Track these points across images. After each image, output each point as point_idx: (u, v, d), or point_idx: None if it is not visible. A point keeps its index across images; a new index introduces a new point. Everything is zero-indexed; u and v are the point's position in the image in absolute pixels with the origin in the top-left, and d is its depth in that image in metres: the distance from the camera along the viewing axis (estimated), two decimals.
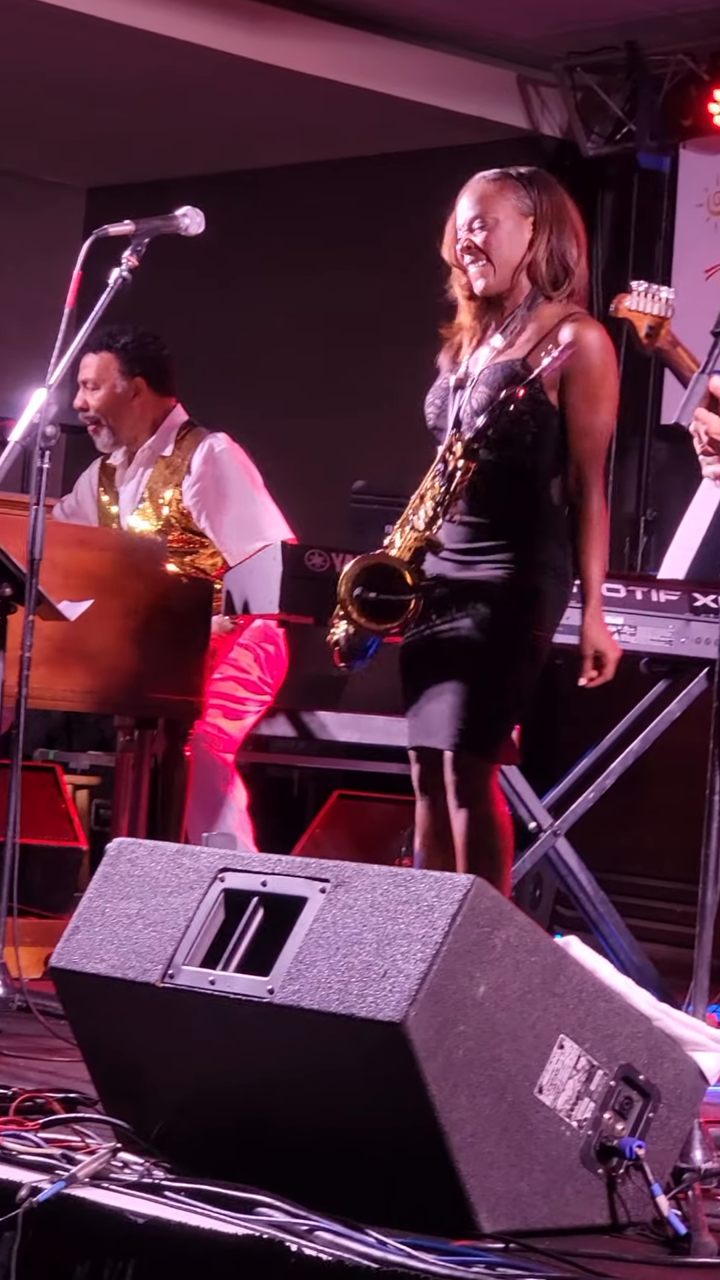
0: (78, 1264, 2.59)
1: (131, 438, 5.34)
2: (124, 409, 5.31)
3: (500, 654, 3.96)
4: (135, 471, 5.35)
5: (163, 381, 5.35)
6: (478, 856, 3.92)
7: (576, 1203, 2.69)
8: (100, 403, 5.31)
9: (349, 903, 2.71)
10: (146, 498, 5.31)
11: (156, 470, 5.32)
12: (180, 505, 5.26)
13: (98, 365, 5.30)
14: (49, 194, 8.88)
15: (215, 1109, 2.83)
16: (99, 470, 5.49)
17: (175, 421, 5.35)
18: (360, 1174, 2.66)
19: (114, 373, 5.30)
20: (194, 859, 2.94)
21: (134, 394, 5.30)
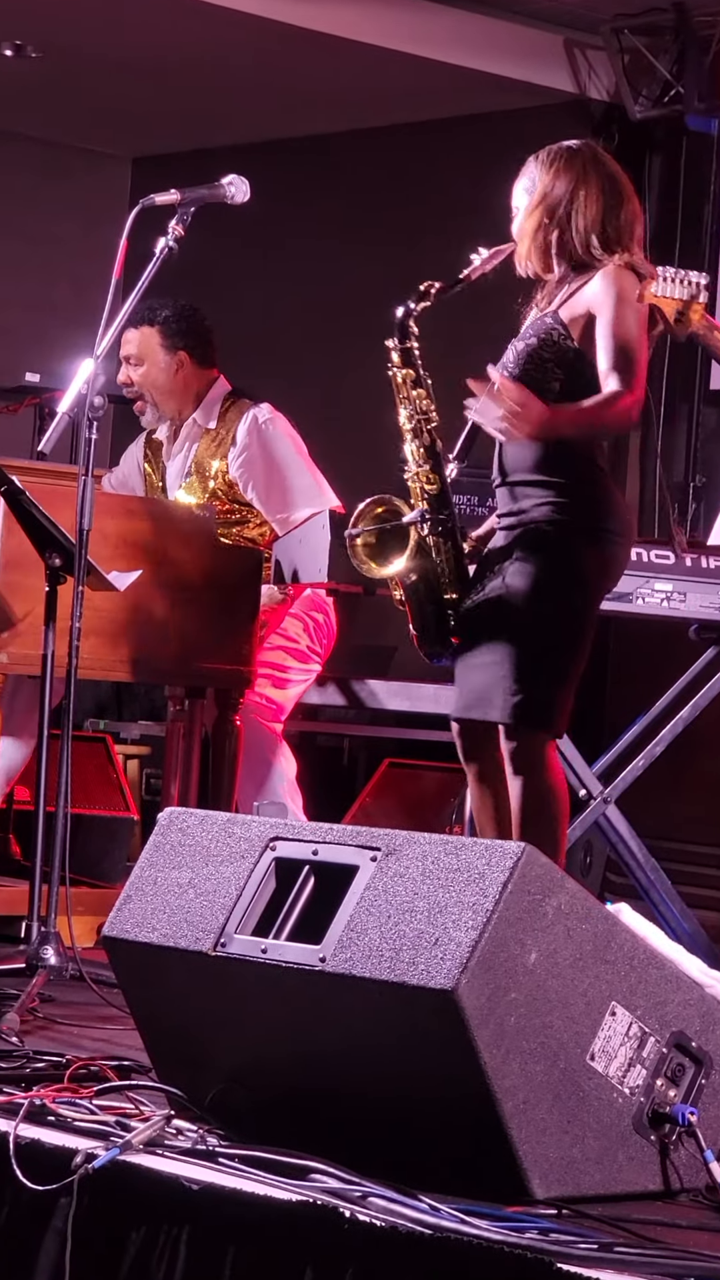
0: (133, 1230, 2.61)
1: (176, 411, 5.34)
2: (168, 383, 5.30)
3: (550, 621, 3.94)
4: (181, 446, 5.35)
5: (205, 354, 5.34)
6: (532, 827, 3.90)
7: (629, 1169, 2.69)
8: (143, 378, 5.30)
9: (400, 871, 2.72)
10: (193, 471, 5.31)
11: (202, 444, 5.31)
12: (227, 477, 5.26)
13: (140, 340, 5.29)
14: (94, 164, 8.88)
15: (268, 1077, 2.84)
16: (145, 444, 5.49)
17: (219, 393, 5.35)
18: (412, 1141, 2.67)
19: (156, 347, 5.29)
20: (245, 828, 2.95)
21: (177, 368, 5.29)
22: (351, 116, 8.07)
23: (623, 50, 7.39)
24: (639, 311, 3.99)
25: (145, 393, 5.33)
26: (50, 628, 4.12)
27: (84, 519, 4.02)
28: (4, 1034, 3.47)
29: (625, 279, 4.01)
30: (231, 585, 4.89)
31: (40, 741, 4.12)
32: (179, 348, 5.29)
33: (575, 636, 3.97)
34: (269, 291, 8.29)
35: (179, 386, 5.31)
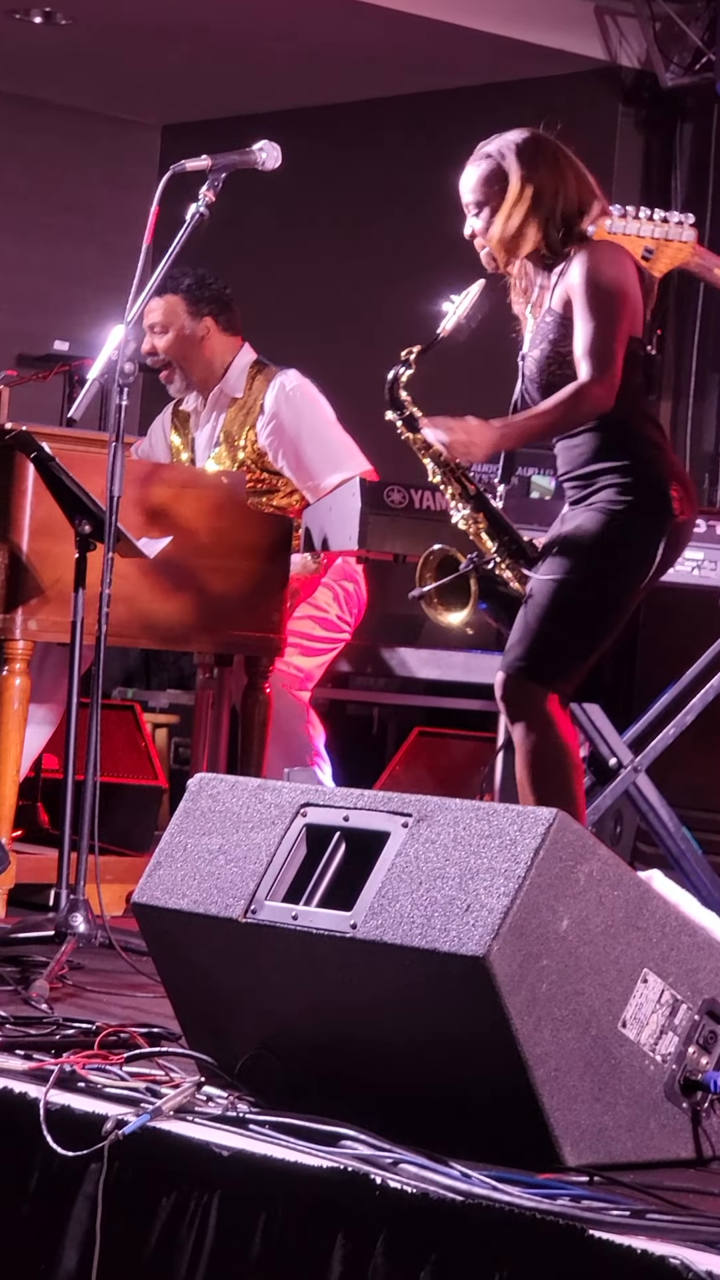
0: (163, 1196, 2.61)
1: (202, 380, 5.32)
2: (194, 351, 5.29)
3: (588, 585, 3.93)
4: (209, 416, 5.34)
5: (230, 320, 5.32)
6: (537, 787, 3.90)
7: (661, 1136, 2.68)
8: (169, 345, 5.29)
9: (431, 837, 2.71)
10: (221, 441, 5.30)
11: (230, 413, 5.30)
12: (256, 446, 5.25)
13: (164, 309, 5.28)
14: (124, 132, 8.86)
15: (298, 1044, 2.83)
16: (171, 415, 5.47)
17: (245, 361, 5.33)
18: (443, 1108, 2.66)
19: (181, 314, 5.28)
20: (275, 794, 2.94)
21: (203, 335, 5.28)
22: (382, 83, 8.04)
23: (654, 17, 7.35)
24: (618, 281, 3.92)
25: (171, 360, 5.31)
26: (79, 595, 4.12)
27: (114, 486, 4.01)
28: (34, 1001, 3.48)
29: (599, 251, 3.95)
30: (262, 552, 4.88)
31: (69, 710, 4.12)
32: (204, 314, 5.28)
33: (604, 605, 3.96)
34: (299, 258, 8.27)
35: (205, 354, 5.30)
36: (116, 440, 4.03)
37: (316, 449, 5.22)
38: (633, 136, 7.44)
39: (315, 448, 5.22)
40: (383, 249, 7.82)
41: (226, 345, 5.33)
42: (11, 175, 8.58)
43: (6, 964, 3.81)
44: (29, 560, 4.54)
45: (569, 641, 3.98)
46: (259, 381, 5.29)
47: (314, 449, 5.22)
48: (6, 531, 4.56)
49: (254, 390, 5.29)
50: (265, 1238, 2.52)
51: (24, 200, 8.59)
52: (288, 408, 5.24)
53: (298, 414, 5.24)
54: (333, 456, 5.22)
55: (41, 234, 8.61)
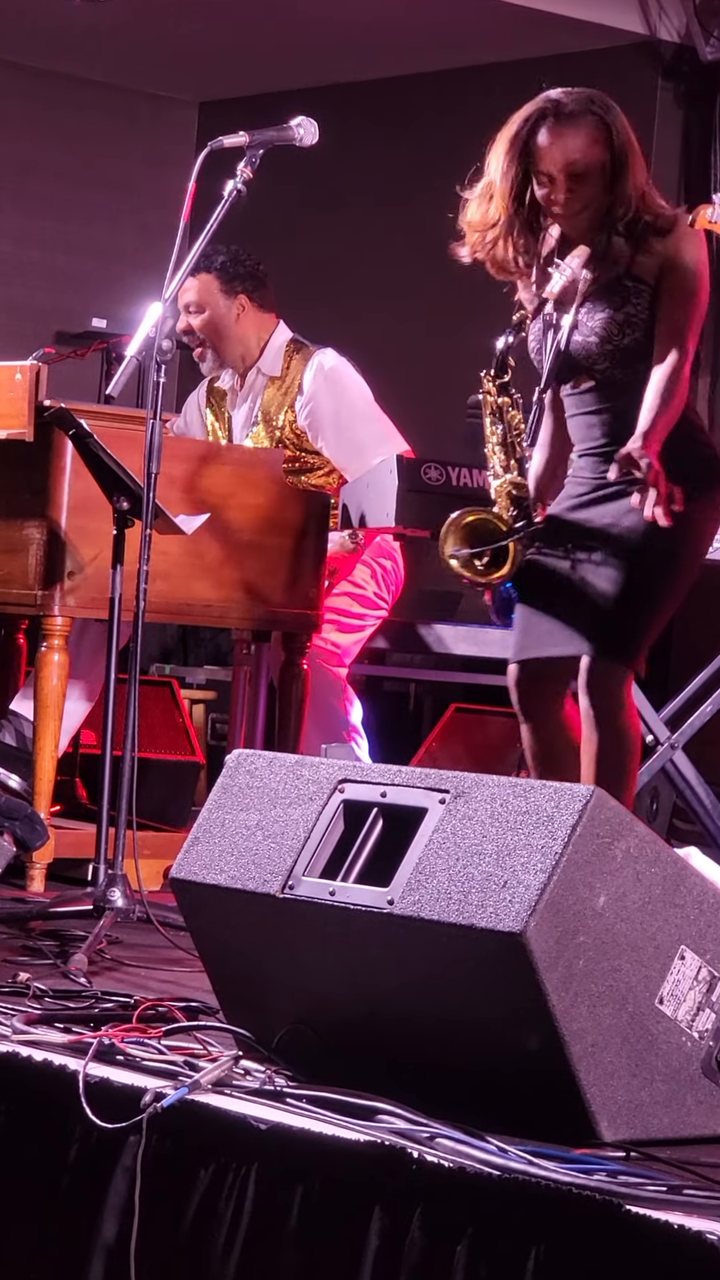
0: (201, 1168, 2.63)
1: (238, 358, 5.32)
2: (229, 329, 5.29)
3: (652, 563, 3.92)
4: (247, 395, 5.34)
5: (264, 297, 5.32)
6: (609, 771, 3.89)
7: (698, 1113, 2.69)
8: (204, 324, 5.29)
9: (468, 813, 2.71)
10: (260, 420, 5.30)
11: (268, 393, 5.30)
12: (294, 426, 5.25)
13: (198, 288, 5.27)
14: (162, 108, 8.86)
15: (335, 1018, 2.84)
16: (206, 393, 5.47)
17: (281, 340, 5.32)
18: (480, 1083, 2.67)
19: (216, 293, 5.27)
20: (313, 770, 2.95)
21: (239, 312, 5.27)
22: (419, 59, 8.02)
23: None
24: (708, 274, 3.96)
25: (207, 339, 5.31)
26: (117, 571, 4.13)
27: (152, 462, 4.02)
28: (73, 974, 3.49)
29: (699, 238, 3.97)
30: (299, 529, 4.89)
31: (107, 686, 4.14)
32: (238, 291, 5.27)
33: (673, 582, 3.96)
34: (336, 234, 8.26)
35: (240, 331, 5.29)
36: (154, 417, 4.04)
37: (355, 429, 5.22)
38: (672, 111, 7.40)
39: (354, 428, 5.22)
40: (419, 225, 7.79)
41: (261, 322, 5.32)
42: (49, 152, 8.58)
43: (45, 938, 3.83)
44: (67, 537, 4.56)
45: (648, 621, 3.97)
46: (296, 361, 5.29)
47: (352, 429, 5.22)
48: (45, 508, 4.58)
49: (292, 370, 5.28)
50: (302, 1211, 2.53)
51: (61, 177, 8.60)
52: (326, 387, 5.24)
53: (336, 394, 5.23)
54: (371, 436, 5.21)
55: (79, 211, 8.62)
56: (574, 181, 3.94)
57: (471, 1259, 2.36)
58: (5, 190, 8.46)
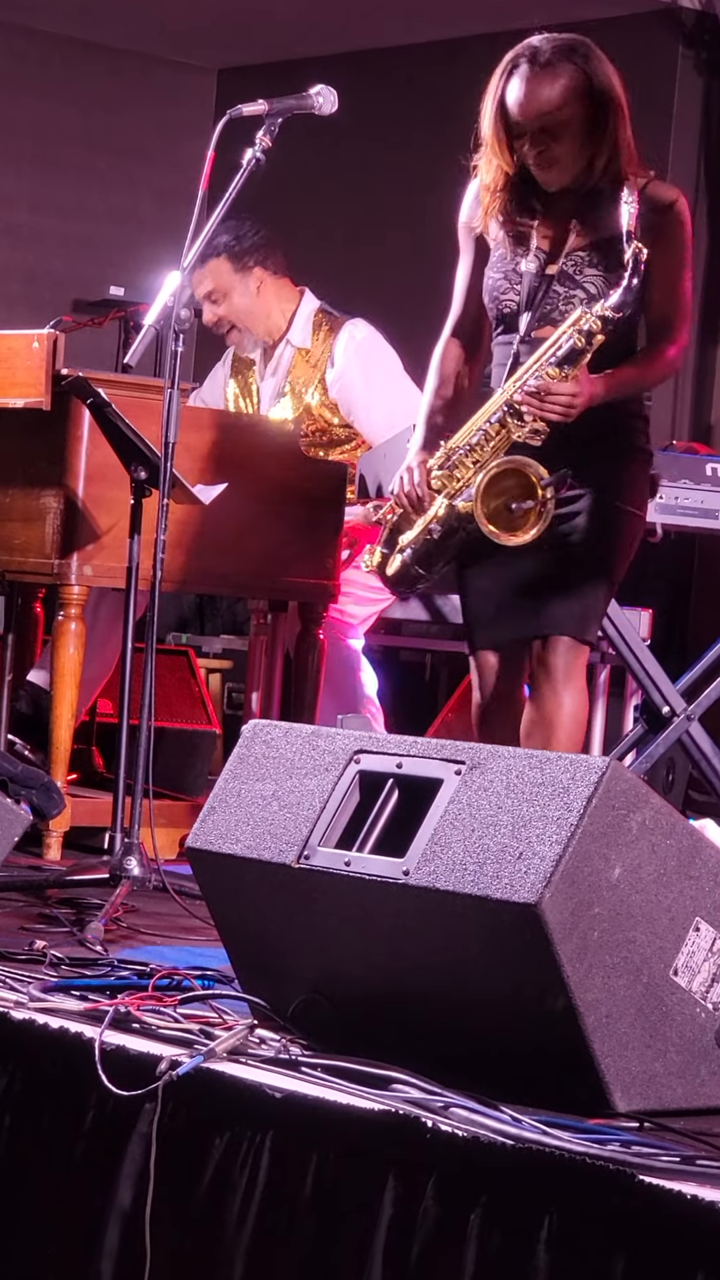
0: (216, 1136, 2.64)
1: (267, 331, 5.30)
2: (253, 306, 5.26)
3: (611, 538, 3.88)
4: (275, 366, 5.32)
5: (276, 263, 5.27)
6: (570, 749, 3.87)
7: (711, 1083, 2.69)
8: (229, 310, 5.26)
9: (484, 785, 2.71)
10: (289, 392, 5.28)
11: (298, 364, 5.28)
12: (326, 398, 5.23)
13: (212, 275, 5.23)
14: (180, 76, 8.83)
15: (350, 988, 2.85)
16: (232, 364, 5.46)
17: (309, 309, 5.30)
18: (494, 1053, 2.68)
19: (230, 275, 5.24)
20: (329, 741, 2.96)
21: (257, 286, 5.25)
22: (437, 27, 7.98)
23: None
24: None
25: (238, 323, 5.28)
26: (134, 541, 4.13)
27: (169, 432, 4.01)
28: (89, 943, 3.51)
29: (685, 205, 3.93)
30: (316, 499, 4.89)
31: (124, 655, 4.14)
32: (251, 266, 5.24)
33: (629, 550, 3.93)
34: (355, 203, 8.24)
35: (264, 304, 5.27)
36: (172, 386, 4.04)
37: (385, 400, 5.20)
38: (692, 78, 7.37)
39: (384, 399, 5.20)
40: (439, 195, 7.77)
41: (281, 289, 5.29)
42: (67, 119, 8.56)
43: (62, 906, 3.85)
44: (85, 506, 4.56)
45: (608, 596, 3.96)
46: (326, 332, 5.27)
47: (383, 401, 5.20)
48: (62, 477, 4.58)
49: (322, 341, 5.26)
50: (317, 1179, 2.54)
51: (79, 145, 8.58)
52: (358, 359, 5.22)
53: (367, 365, 5.22)
54: (405, 411, 5.20)
55: (97, 179, 8.60)
56: (548, 135, 3.80)
57: (485, 1228, 2.37)
58: (24, 157, 8.45)
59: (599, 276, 3.85)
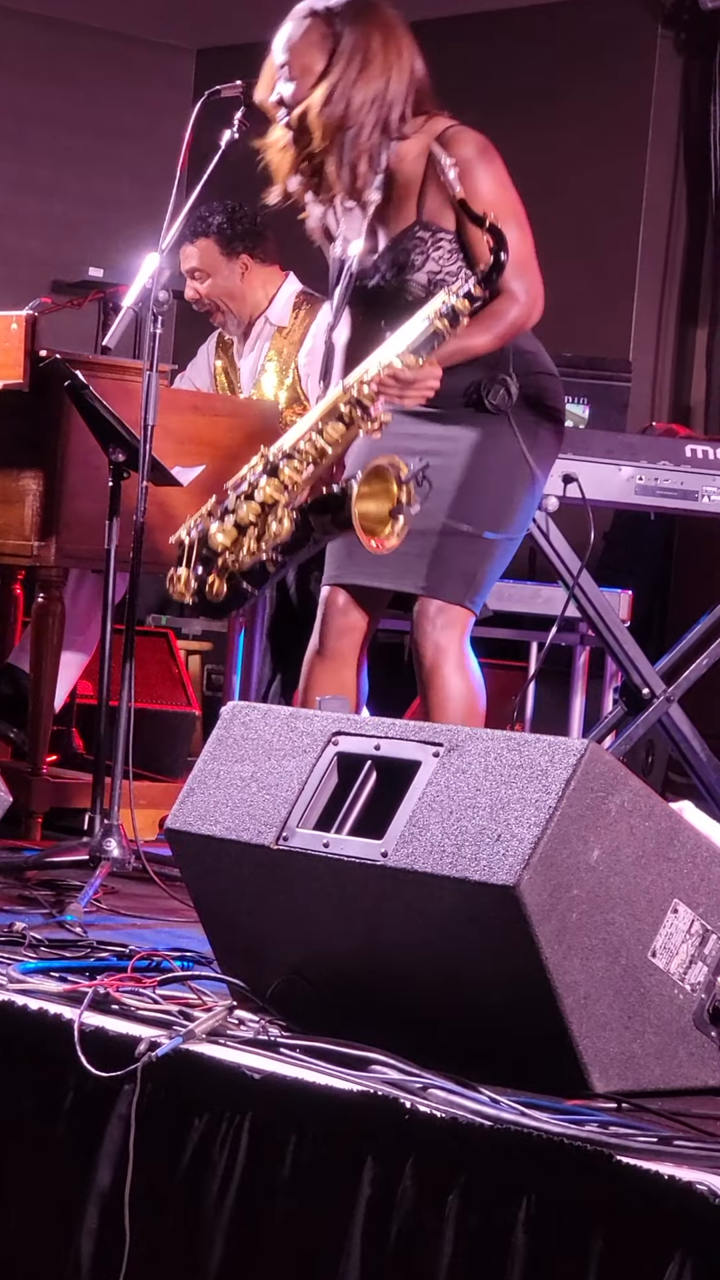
0: (195, 1117, 2.64)
1: (249, 314, 5.31)
2: (237, 289, 5.28)
3: (477, 498, 3.77)
4: (253, 345, 5.33)
5: (265, 250, 5.30)
6: None
7: (689, 1064, 2.70)
8: (211, 290, 5.28)
9: (462, 767, 2.72)
10: (266, 370, 5.29)
11: (274, 342, 5.29)
12: (299, 373, 5.23)
13: (199, 255, 5.26)
14: (158, 56, 8.80)
15: (328, 970, 2.86)
16: (216, 345, 5.46)
17: (291, 291, 5.31)
18: (473, 1035, 2.69)
19: (217, 257, 5.26)
20: (307, 723, 2.96)
21: (242, 271, 5.27)
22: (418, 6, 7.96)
23: None
24: (504, 174, 3.74)
25: (217, 303, 5.30)
26: (113, 523, 4.13)
27: (148, 414, 4.01)
28: (68, 924, 3.51)
29: (480, 141, 3.77)
30: None
31: (103, 637, 4.14)
32: (239, 252, 5.26)
33: (503, 517, 3.81)
34: None
35: (248, 289, 5.29)
36: (151, 368, 4.03)
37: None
38: (672, 59, 7.36)
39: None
40: None
41: (267, 276, 5.31)
42: (46, 99, 8.53)
43: (42, 888, 3.85)
44: (63, 488, 4.55)
45: (483, 558, 3.81)
46: (305, 312, 5.27)
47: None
48: (41, 459, 4.57)
49: (300, 321, 5.27)
50: (295, 1160, 2.55)
51: (58, 125, 8.55)
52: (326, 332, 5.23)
53: None
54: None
55: (75, 159, 8.57)
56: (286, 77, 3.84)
57: (463, 1208, 2.38)
58: (2, 138, 8.42)
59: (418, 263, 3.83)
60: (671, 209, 7.24)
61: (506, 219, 3.65)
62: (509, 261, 3.62)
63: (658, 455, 4.67)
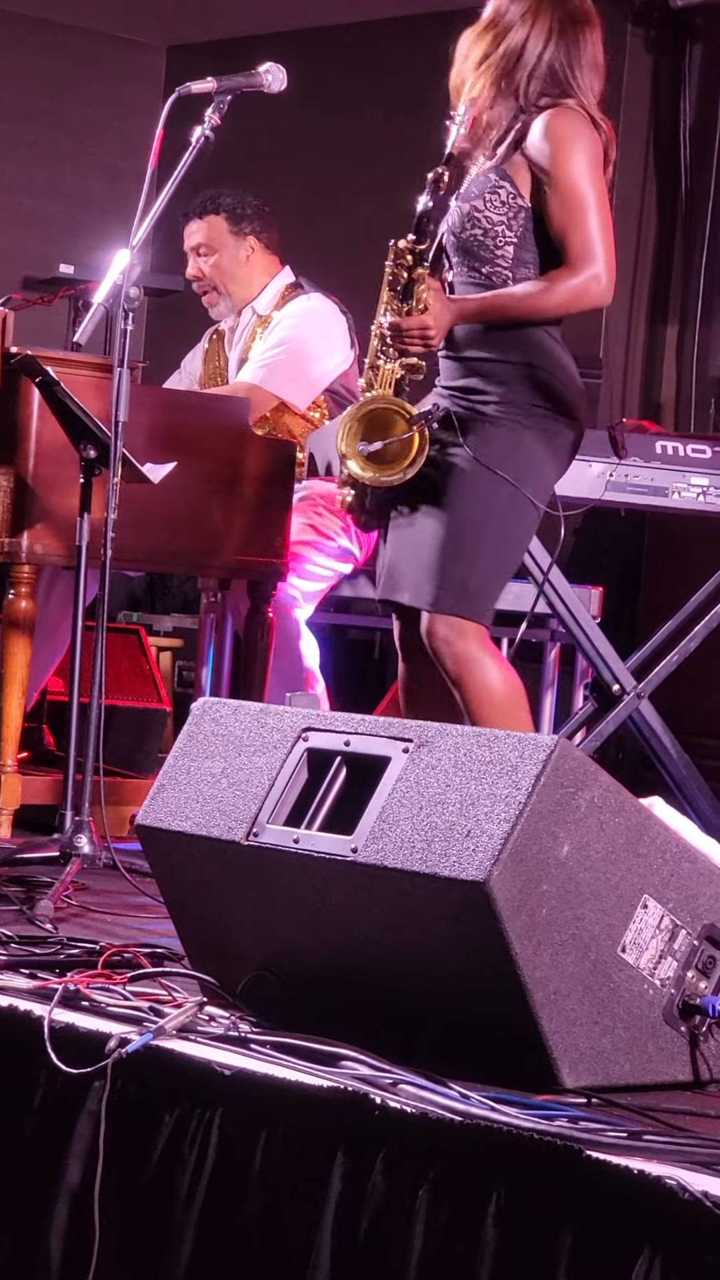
0: (165, 1113, 2.64)
1: (243, 300, 5.31)
2: (239, 271, 5.28)
3: (481, 504, 3.81)
4: (240, 335, 5.34)
5: (271, 238, 5.31)
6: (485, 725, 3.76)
7: (659, 1059, 2.71)
8: (214, 268, 5.27)
9: (432, 762, 2.72)
10: (247, 359, 5.29)
11: (257, 332, 5.29)
12: None
13: (207, 230, 5.25)
14: (129, 53, 8.79)
15: (300, 966, 2.86)
16: (213, 335, 5.47)
17: (282, 283, 5.31)
18: (443, 1030, 2.69)
19: (225, 234, 5.26)
20: (278, 719, 2.96)
21: (248, 254, 5.27)
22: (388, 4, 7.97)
23: None
24: (592, 158, 3.79)
25: (217, 283, 5.29)
26: (84, 520, 4.12)
27: (119, 411, 4.01)
28: (39, 920, 3.50)
29: (574, 123, 3.81)
30: (265, 477, 4.88)
31: (74, 633, 4.13)
32: (247, 232, 5.27)
33: (507, 522, 3.84)
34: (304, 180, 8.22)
35: (249, 273, 5.29)
36: (121, 365, 4.03)
37: (280, 356, 5.17)
38: (641, 57, 7.37)
39: (280, 354, 5.17)
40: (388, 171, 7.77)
41: (268, 264, 5.32)
42: (15, 96, 8.51)
43: (12, 884, 3.84)
44: (34, 485, 4.54)
45: (481, 568, 3.86)
46: (285, 301, 5.28)
47: (278, 354, 5.17)
48: (12, 456, 4.57)
49: (280, 309, 5.27)
50: (266, 1156, 2.55)
51: (28, 121, 8.53)
52: (289, 319, 5.23)
53: (292, 325, 5.22)
54: (283, 372, 5.15)
55: (46, 156, 8.56)
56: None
57: (433, 1203, 2.38)
58: None
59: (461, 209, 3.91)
60: (642, 206, 7.25)
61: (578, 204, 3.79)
62: (573, 240, 3.72)
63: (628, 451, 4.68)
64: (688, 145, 7.18)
